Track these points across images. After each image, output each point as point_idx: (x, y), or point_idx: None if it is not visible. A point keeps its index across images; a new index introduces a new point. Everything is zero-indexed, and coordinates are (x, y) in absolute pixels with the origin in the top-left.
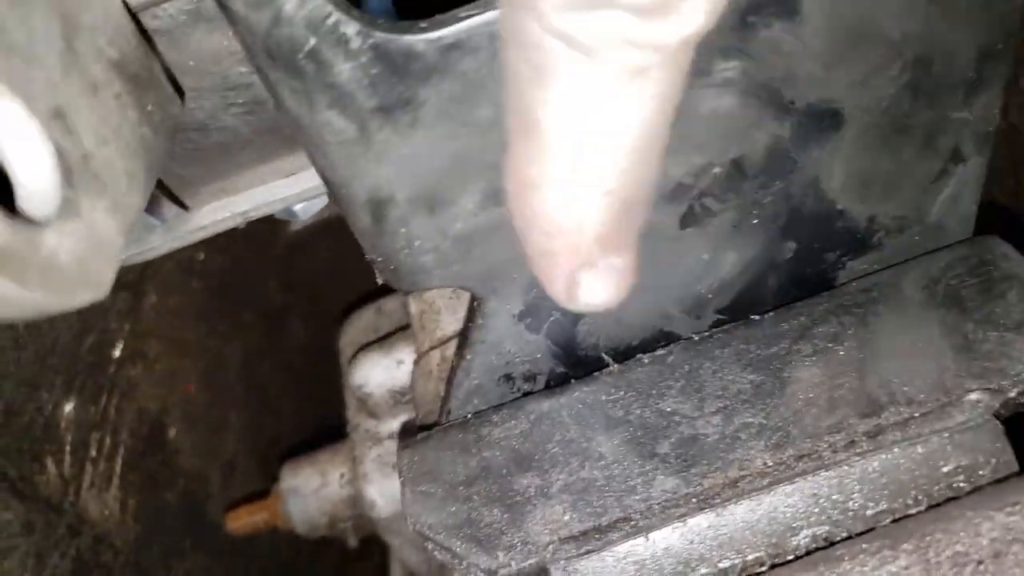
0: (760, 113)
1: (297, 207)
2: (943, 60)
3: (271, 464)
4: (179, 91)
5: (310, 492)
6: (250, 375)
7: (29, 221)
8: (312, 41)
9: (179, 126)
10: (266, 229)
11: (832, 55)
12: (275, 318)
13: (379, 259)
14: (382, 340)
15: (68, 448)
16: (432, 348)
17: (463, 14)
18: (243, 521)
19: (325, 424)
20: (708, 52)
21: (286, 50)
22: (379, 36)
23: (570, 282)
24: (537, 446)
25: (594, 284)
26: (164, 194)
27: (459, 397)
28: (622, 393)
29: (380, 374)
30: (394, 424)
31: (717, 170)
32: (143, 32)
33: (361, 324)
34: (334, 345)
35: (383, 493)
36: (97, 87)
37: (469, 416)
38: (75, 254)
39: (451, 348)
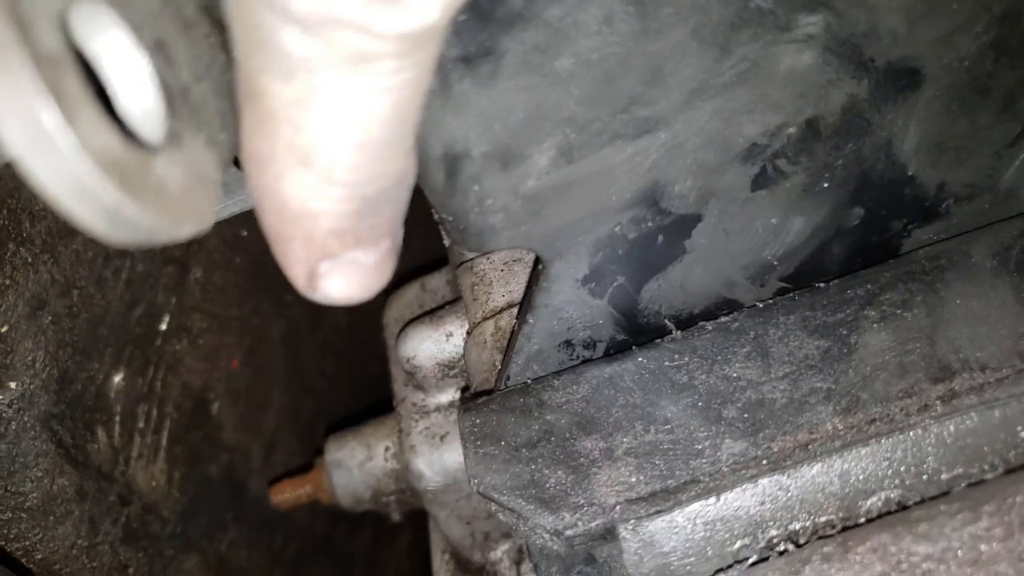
0: (838, 71)
1: None
2: None
3: (311, 441)
4: None
5: (355, 465)
6: (291, 353)
7: (142, 145)
8: None
9: None
10: None
11: (918, 9)
12: None
13: (449, 218)
14: (431, 313)
15: (118, 419)
16: (485, 319)
17: None
18: (287, 495)
19: (363, 403)
20: (791, 6)
21: None
22: None
23: (310, 271)
24: (600, 410)
25: (334, 277)
26: None
27: (519, 363)
28: (686, 359)
29: (430, 346)
30: (442, 397)
31: (792, 130)
32: None
33: (406, 300)
34: (373, 325)
35: (431, 465)
36: (190, 25)
37: (528, 381)
38: (181, 183)
39: (505, 318)
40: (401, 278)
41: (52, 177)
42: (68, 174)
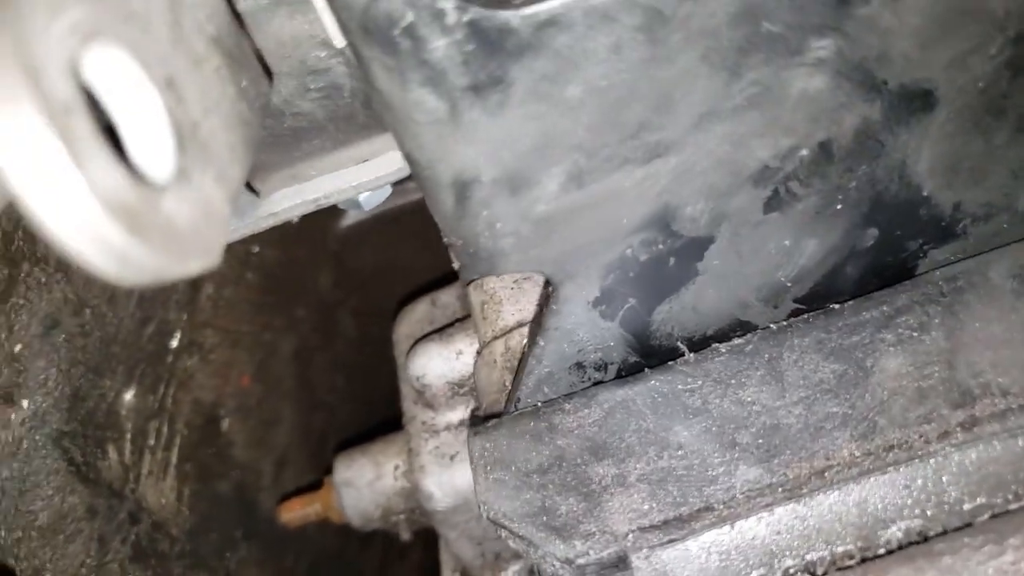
0: (851, 94)
1: (362, 196)
2: None
3: (321, 458)
4: (267, 72)
5: (364, 484)
6: (302, 369)
7: (149, 184)
8: (409, 16)
9: (268, 103)
10: (318, 224)
11: (930, 33)
12: (326, 312)
13: (458, 242)
14: (440, 331)
15: (128, 436)
16: (495, 338)
17: None
18: (296, 513)
19: (374, 419)
20: (802, 31)
21: (382, 25)
22: (475, 11)
23: None
24: (612, 435)
25: None
26: None
27: (529, 385)
28: (699, 383)
29: (439, 365)
30: (452, 416)
31: (804, 153)
32: (234, 12)
33: (416, 316)
34: (384, 340)
35: (441, 485)
36: (200, 60)
37: (539, 404)
38: (190, 220)
39: (515, 338)
40: (412, 293)
41: (60, 222)
42: (76, 219)
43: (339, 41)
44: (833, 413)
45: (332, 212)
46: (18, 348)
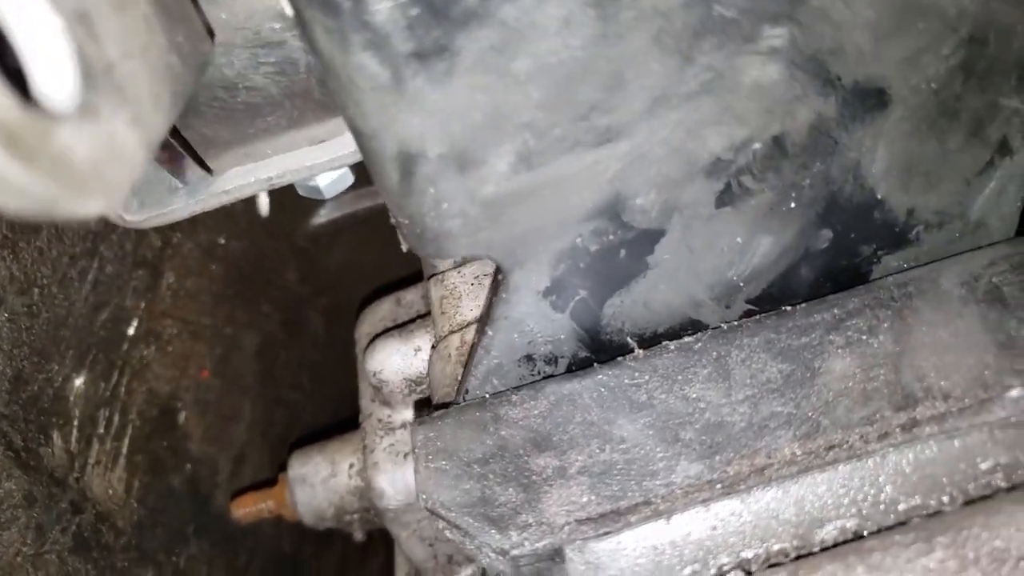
0: (804, 87)
1: (322, 183)
2: (999, 40)
3: (281, 457)
4: (210, 33)
5: (319, 481)
6: (264, 366)
7: (43, 112)
8: None
9: (208, 64)
10: (287, 219)
11: (883, 27)
12: (292, 310)
13: (405, 222)
14: (400, 327)
15: (76, 423)
16: (452, 332)
17: None
18: (248, 508)
19: (337, 420)
20: (756, 17)
21: None
22: None
23: None
24: (556, 427)
25: None
26: (189, 155)
27: (478, 376)
28: (646, 378)
29: (397, 361)
30: (408, 413)
31: (757, 146)
32: None
33: (379, 314)
34: (350, 340)
35: (393, 483)
36: (125, 5)
37: (487, 396)
38: (90, 156)
39: (471, 332)
40: (376, 292)
41: None
42: None
43: (290, 10)
44: (778, 412)
45: (302, 209)
46: None
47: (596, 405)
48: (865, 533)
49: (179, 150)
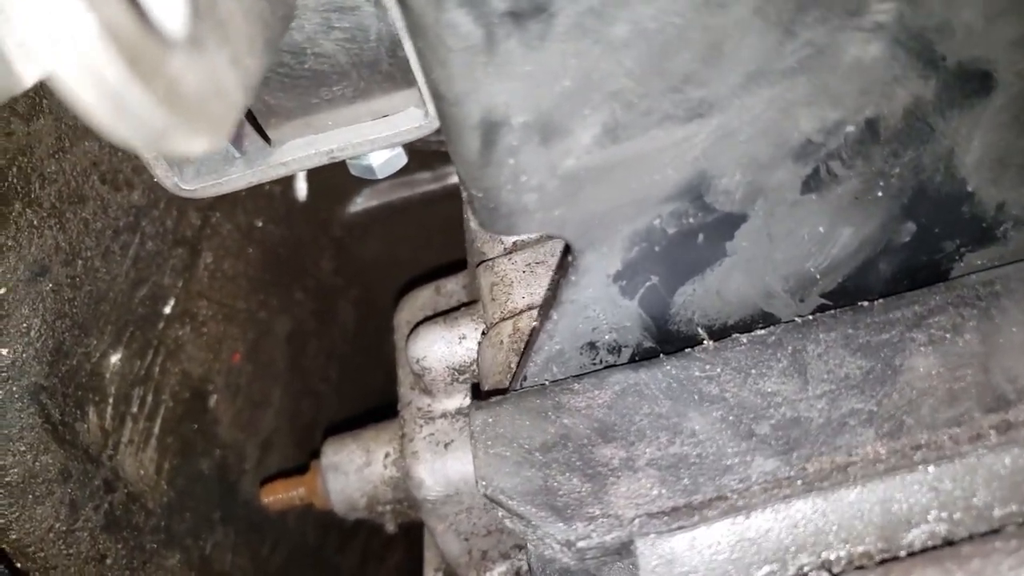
0: (906, 67)
1: (375, 162)
2: None
3: (307, 446)
4: None
5: (352, 470)
6: (295, 353)
7: (158, 36)
8: None
9: (292, 17)
10: (324, 206)
11: (997, 4)
12: (324, 299)
13: (479, 195)
14: (444, 314)
15: (111, 400)
16: (503, 319)
17: None
18: (279, 495)
19: (365, 411)
20: None
21: None
22: None
23: None
24: (622, 418)
25: None
26: (250, 123)
27: (537, 362)
28: (718, 370)
29: (441, 348)
30: (449, 403)
31: (850, 129)
32: None
33: (419, 302)
34: (381, 333)
35: (433, 473)
36: None
37: (547, 383)
38: (197, 88)
39: (524, 320)
40: (410, 283)
41: (55, 46)
42: (73, 43)
43: None
44: (858, 409)
45: (338, 196)
46: (2, 291)
47: (665, 397)
48: (956, 539)
49: (240, 119)
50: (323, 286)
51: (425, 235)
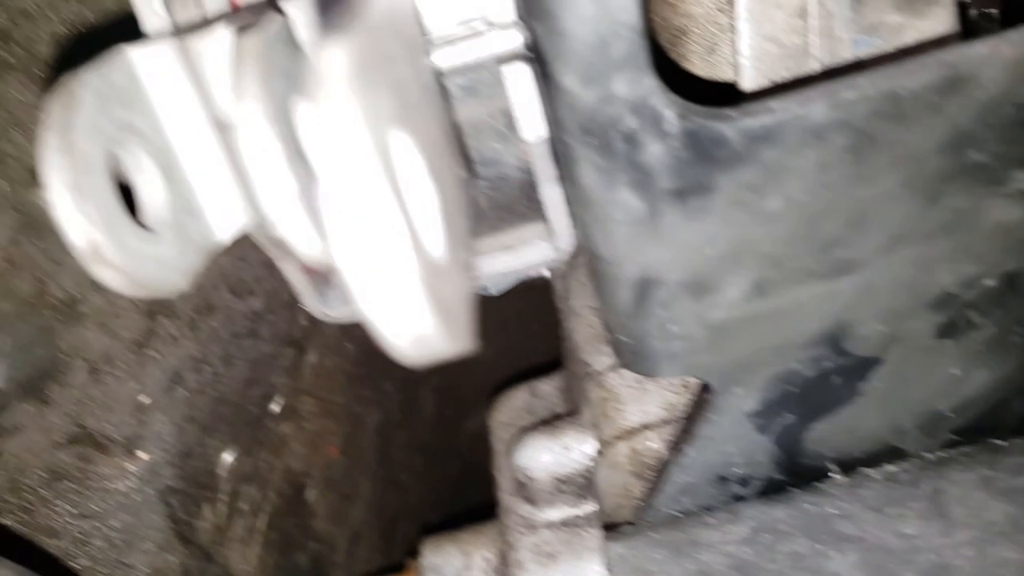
0: None
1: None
2: None
3: (392, 539)
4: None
5: (451, 573)
6: (384, 445)
7: (440, 267)
8: (633, 123)
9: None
10: None
11: None
12: (409, 388)
13: (626, 341)
14: (548, 423)
15: (225, 498)
16: (618, 439)
17: (774, 104)
18: None
19: (443, 503)
20: (1007, 162)
21: (605, 128)
22: (695, 121)
23: None
24: (760, 555)
25: None
26: None
27: (668, 493)
28: (853, 508)
29: (547, 458)
30: (552, 513)
31: (989, 282)
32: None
33: (515, 404)
34: (458, 422)
35: None
36: (442, 153)
37: (678, 514)
38: (454, 301)
39: (640, 441)
40: (507, 381)
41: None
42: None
43: (530, 135)
44: (1008, 559)
45: None
46: (145, 400)
47: (801, 534)
48: None
49: None
50: (409, 375)
51: (505, 329)
